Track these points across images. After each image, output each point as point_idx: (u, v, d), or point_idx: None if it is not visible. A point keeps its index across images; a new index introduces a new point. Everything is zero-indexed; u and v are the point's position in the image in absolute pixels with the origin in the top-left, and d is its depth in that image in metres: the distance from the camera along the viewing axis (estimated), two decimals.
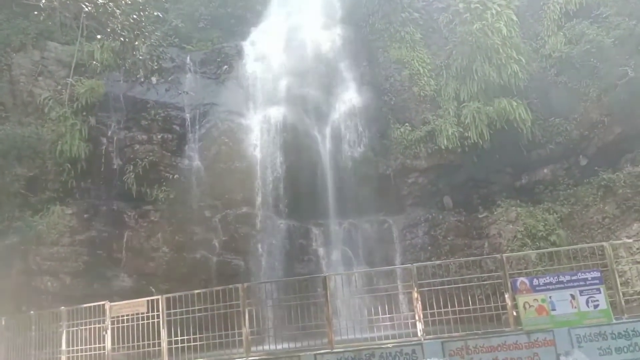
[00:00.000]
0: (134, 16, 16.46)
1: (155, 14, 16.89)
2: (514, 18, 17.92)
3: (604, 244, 10.24)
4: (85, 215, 16.44)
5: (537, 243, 15.57)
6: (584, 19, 17.39)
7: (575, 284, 9.46)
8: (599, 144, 16.85)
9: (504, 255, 10.70)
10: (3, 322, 12.27)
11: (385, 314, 10.07)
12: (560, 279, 9.57)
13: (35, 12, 15.96)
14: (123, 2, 15.97)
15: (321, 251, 16.92)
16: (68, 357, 11.01)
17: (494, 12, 17.74)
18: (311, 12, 19.85)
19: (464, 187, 17.57)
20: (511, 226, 16.24)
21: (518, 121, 16.93)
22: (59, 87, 17.76)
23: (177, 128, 17.93)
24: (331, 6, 20.00)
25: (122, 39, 16.46)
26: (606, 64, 16.51)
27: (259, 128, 17.91)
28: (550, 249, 12.60)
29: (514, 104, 17.02)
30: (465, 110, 17.41)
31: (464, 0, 18.15)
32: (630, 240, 13.33)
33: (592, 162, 16.79)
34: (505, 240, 16.12)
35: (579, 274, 9.59)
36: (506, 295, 9.73)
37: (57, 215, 16.00)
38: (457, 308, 9.76)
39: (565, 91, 17.22)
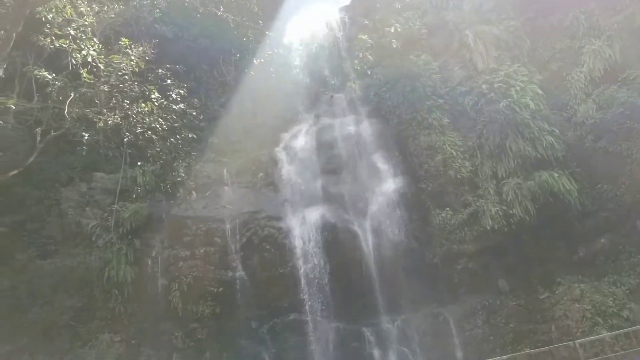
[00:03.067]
0: (171, 139, 17.51)
1: (190, 135, 17.90)
2: (539, 92, 18.01)
3: None
4: (133, 341, 16.27)
5: (609, 321, 14.33)
6: (612, 84, 17.23)
7: None
8: None
9: (577, 341, 9.85)
10: None
11: None
12: None
13: (78, 147, 17.12)
14: (160, 128, 17.06)
15: (376, 353, 15.99)
16: None
17: (518, 88, 17.93)
18: (339, 111, 20.48)
19: (518, 268, 16.61)
20: (577, 305, 15.07)
21: (563, 192, 16.31)
22: (105, 214, 18.40)
23: (219, 240, 18.06)
24: (357, 104, 20.63)
25: (161, 161, 17.40)
26: None
27: (298, 230, 17.86)
28: (624, 330, 11.49)
29: (556, 175, 16.53)
30: (506, 187, 16.99)
31: (487, 81, 18.51)
32: None
33: None
34: (574, 321, 14.87)
35: None
36: None
37: (105, 344, 15.91)
38: None
39: (606, 156, 16.73)
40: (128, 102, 16.98)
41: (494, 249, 16.92)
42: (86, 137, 16.18)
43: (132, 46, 17.94)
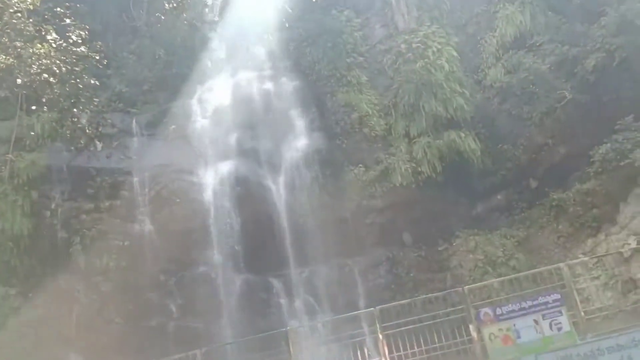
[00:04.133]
0: (71, 83, 16.44)
1: (92, 81, 16.85)
2: (455, 54, 18.49)
3: (561, 265, 10.22)
4: (30, 295, 15.53)
5: (498, 270, 15.40)
6: (520, 49, 17.92)
7: (537, 308, 9.39)
8: (547, 166, 17.07)
9: (466, 287, 10.49)
10: None
11: None
12: (522, 306, 9.53)
13: None
14: (58, 71, 15.94)
15: (283, 302, 16.28)
16: None
17: (434, 49, 18.29)
18: (257, 66, 20.04)
19: (422, 222, 17.28)
20: (471, 255, 16.11)
21: (468, 152, 17.08)
22: None
23: (126, 193, 17.40)
24: (276, 58, 20.26)
25: (59, 107, 16.35)
26: (544, 89, 16.93)
27: (211, 184, 17.56)
28: (509, 277, 12.42)
29: (462, 135, 17.22)
30: (416, 146, 17.50)
31: (406, 41, 18.72)
32: (586, 258, 13.29)
33: (542, 184, 16.96)
34: (467, 270, 15.92)
35: (540, 297, 9.56)
36: (471, 328, 9.52)
37: (0, 297, 15.01)
38: (423, 347, 9.57)
39: (509, 118, 17.56)
40: (22, 41, 15.67)
41: (402, 205, 17.46)
42: None
43: None
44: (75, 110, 16.29)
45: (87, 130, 16.47)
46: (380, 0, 20.74)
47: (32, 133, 16.60)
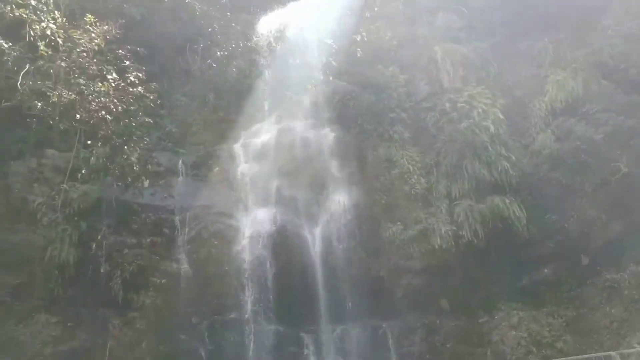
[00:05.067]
0: (125, 121, 17.19)
1: (146, 120, 17.54)
2: (501, 116, 18.03)
3: (612, 353, 9.63)
4: (69, 324, 15.93)
5: (544, 351, 14.68)
6: (572, 117, 17.38)
7: None
8: (600, 242, 16.23)
9: None
10: None
11: None
12: None
13: (28, 120, 16.76)
14: (114, 109, 16.68)
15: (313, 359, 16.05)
16: None
17: (480, 110, 17.93)
18: (301, 115, 20.30)
19: (462, 289, 16.77)
20: (514, 332, 15.35)
21: (513, 219, 16.45)
22: (53, 192, 17.91)
23: (167, 231, 17.80)
24: (320, 109, 20.43)
25: (112, 143, 17.10)
26: (598, 159, 16.29)
27: (248, 230, 17.72)
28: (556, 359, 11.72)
29: (507, 201, 16.68)
30: (458, 208, 17.06)
31: (450, 100, 18.51)
32: None
33: (594, 262, 16.10)
34: (509, 347, 15.17)
35: None
36: None
37: (41, 324, 15.48)
38: None
39: (559, 188, 16.84)
40: (85, 79, 16.52)
41: (440, 268, 17.00)
42: (39, 107, 15.76)
43: (97, 23, 17.45)
44: (126, 147, 16.90)
45: (135, 168, 17.01)
46: (426, 57, 20.59)
47: (87, 166, 17.30)
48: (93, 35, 16.96)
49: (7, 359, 14.72)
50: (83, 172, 17.47)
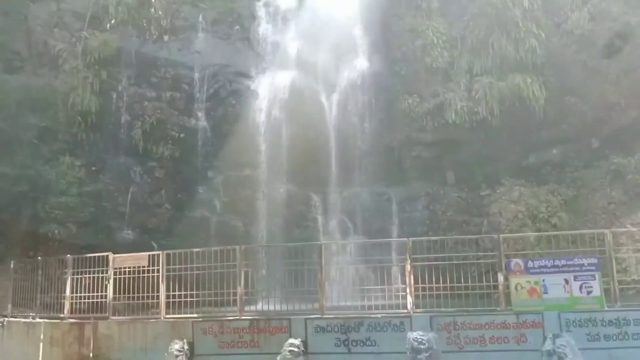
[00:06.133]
0: None
1: None
2: None
3: (605, 231, 9.98)
4: (93, 168, 16.85)
5: (538, 225, 15.28)
6: None
7: (571, 269, 9.31)
8: (613, 127, 16.22)
9: (501, 235, 10.53)
10: (12, 265, 12.93)
11: (378, 285, 10.15)
12: (555, 263, 9.42)
13: None
14: None
15: (320, 219, 17.04)
16: (71, 303, 11.48)
17: None
18: None
19: (469, 164, 17.21)
20: (513, 206, 15.95)
21: (531, 99, 16.35)
22: (73, 39, 17.94)
23: (186, 87, 18.05)
24: None
25: None
26: (629, 44, 15.71)
27: (266, 92, 17.86)
28: (549, 233, 12.24)
29: (529, 80, 16.41)
30: (477, 84, 16.92)
31: None
32: (634, 230, 12.97)
33: (604, 146, 16.22)
34: (505, 219, 15.85)
35: (576, 259, 9.38)
36: (499, 275, 9.66)
37: (66, 165, 16.36)
38: (448, 284, 9.69)
39: (583, 70, 16.47)
40: None
41: (450, 142, 17.37)
42: None
43: None
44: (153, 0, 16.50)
45: (162, 23, 16.72)
46: None
47: (106, 15, 17.00)
48: None
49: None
50: (110, 20, 17.07)
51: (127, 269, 11.09)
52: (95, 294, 11.21)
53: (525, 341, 8.93)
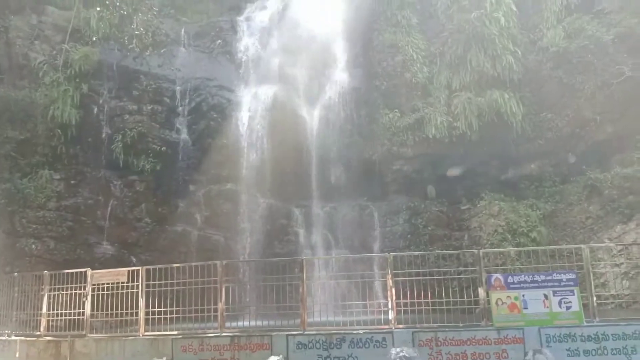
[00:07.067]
0: None
1: None
2: (514, 8, 17.53)
3: (582, 246, 10.15)
4: (72, 182, 16.64)
5: (518, 239, 15.47)
6: (585, 14, 16.89)
7: (550, 284, 9.51)
8: (589, 143, 16.60)
9: (482, 250, 10.69)
10: None
11: (359, 300, 10.28)
12: (535, 279, 9.62)
13: None
14: None
15: (301, 233, 17.04)
16: (48, 320, 11.35)
17: (493, 0, 17.33)
18: None
19: (449, 178, 17.43)
20: (493, 220, 16.14)
21: (509, 114, 16.69)
22: (54, 52, 17.84)
23: (168, 100, 18.02)
24: None
25: (121, 12, 16.64)
26: (603, 61, 16.12)
27: (248, 106, 17.92)
28: (528, 248, 12.42)
29: (506, 96, 16.78)
30: (456, 100, 17.21)
31: None
32: (611, 244, 13.20)
33: (580, 161, 16.54)
34: (486, 234, 16.03)
35: (554, 274, 9.59)
36: (480, 290, 9.80)
37: (45, 179, 16.15)
38: (430, 299, 9.80)
39: (559, 86, 16.86)
40: None
41: (431, 157, 17.58)
42: None
43: None
44: (134, 17, 16.53)
45: (144, 39, 16.75)
46: None
47: (89, 31, 16.99)
48: None
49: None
50: (90, 34, 17.15)
51: (105, 285, 10.98)
52: (72, 310, 11.09)
53: (506, 357, 9.08)
